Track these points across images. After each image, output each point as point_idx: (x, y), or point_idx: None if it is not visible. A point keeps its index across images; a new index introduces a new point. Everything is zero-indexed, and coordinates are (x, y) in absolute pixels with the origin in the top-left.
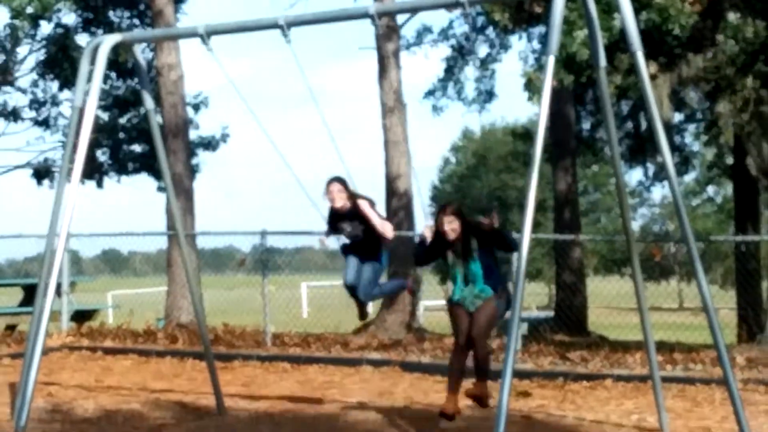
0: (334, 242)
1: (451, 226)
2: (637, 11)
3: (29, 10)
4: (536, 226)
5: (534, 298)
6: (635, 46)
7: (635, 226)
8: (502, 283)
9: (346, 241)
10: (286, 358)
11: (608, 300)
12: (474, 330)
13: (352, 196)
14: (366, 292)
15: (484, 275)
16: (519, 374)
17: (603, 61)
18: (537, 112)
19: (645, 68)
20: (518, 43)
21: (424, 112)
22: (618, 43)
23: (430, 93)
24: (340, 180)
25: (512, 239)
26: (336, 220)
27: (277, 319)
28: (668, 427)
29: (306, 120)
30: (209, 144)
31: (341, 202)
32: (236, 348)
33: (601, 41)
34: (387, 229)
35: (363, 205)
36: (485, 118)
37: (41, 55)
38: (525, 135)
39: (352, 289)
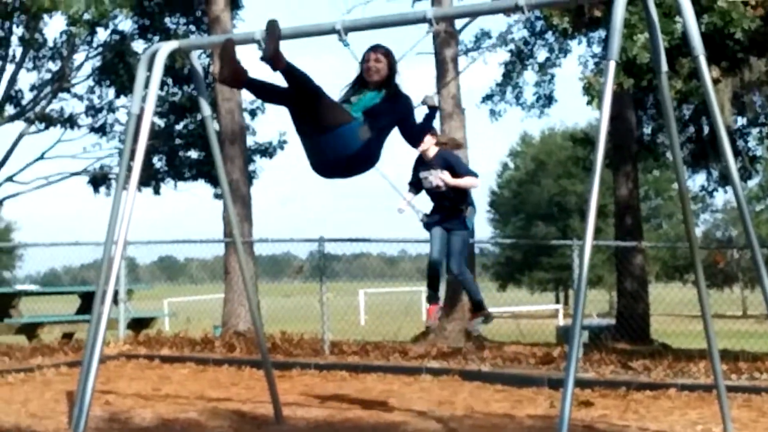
0: (415, 212)
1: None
2: (698, 15)
3: (86, 16)
4: (597, 232)
5: (595, 305)
6: (697, 50)
7: (698, 232)
8: None
9: (427, 216)
10: (344, 366)
11: (671, 307)
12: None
13: (439, 144)
14: (458, 263)
15: None
16: (580, 383)
17: (664, 66)
18: (597, 117)
19: (707, 72)
20: (578, 47)
21: (482, 116)
22: (679, 47)
23: (488, 97)
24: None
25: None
26: (418, 168)
27: (334, 326)
28: None
29: None
30: (266, 150)
31: (424, 146)
32: (294, 356)
33: (662, 45)
34: (470, 183)
35: (445, 177)
36: (544, 123)
37: (98, 62)
38: (585, 140)
39: (435, 270)
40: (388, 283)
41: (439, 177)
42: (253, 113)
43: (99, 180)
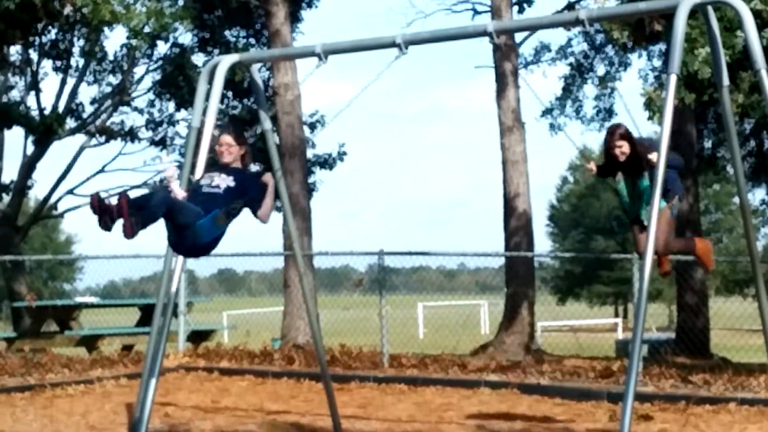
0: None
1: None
2: (760, 28)
3: (146, 29)
4: None
5: (655, 319)
6: (759, 64)
7: (759, 246)
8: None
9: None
10: (402, 379)
11: (731, 321)
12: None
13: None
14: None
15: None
16: (640, 397)
17: (726, 80)
18: (657, 130)
19: None
20: (638, 60)
21: (542, 130)
22: (740, 61)
23: (548, 111)
24: (231, 131)
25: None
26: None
27: (393, 339)
28: None
29: (424, 137)
30: (325, 163)
31: (230, 157)
32: (353, 369)
33: (723, 59)
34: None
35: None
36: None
37: (158, 75)
38: None
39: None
40: (446, 296)
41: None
42: (312, 126)
43: None
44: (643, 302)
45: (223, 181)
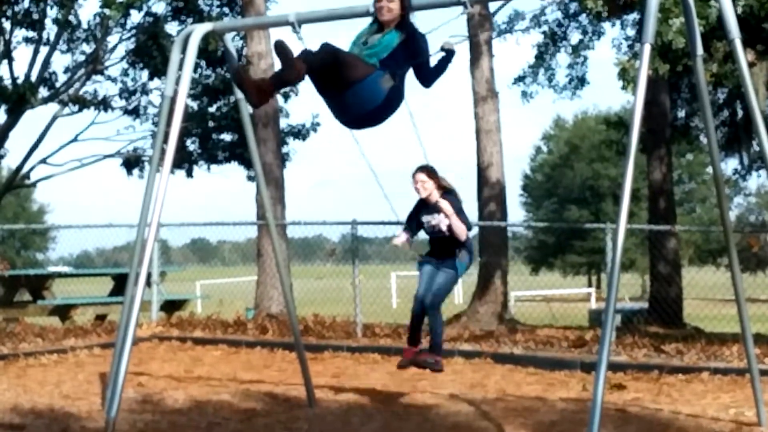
0: (412, 248)
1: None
2: None
3: None
4: (630, 216)
5: (628, 289)
6: (733, 34)
7: (731, 216)
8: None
9: (422, 256)
10: (376, 349)
11: (704, 291)
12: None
13: (441, 187)
14: (433, 298)
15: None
16: (613, 366)
17: (700, 49)
18: (630, 100)
19: (743, 56)
20: (611, 29)
21: (514, 99)
22: (714, 31)
23: (520, 79)
24: (426, 169)
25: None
26: (420, 211)
27: (366, 309)
28: (767, 422)
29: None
30: (299, 133)
31: (426, 192)
32: (326, 339)
33: (697, 29)
34: (460, 231)
35: (443, 203)
36: (577, 106)
37: (131, 44)
38: (618, 123)
39: (421, 309)
40: None
41: (442, 217)
42: (286, 96)
43: (132, 162)
44: (616, 272)
45: (442, 223)
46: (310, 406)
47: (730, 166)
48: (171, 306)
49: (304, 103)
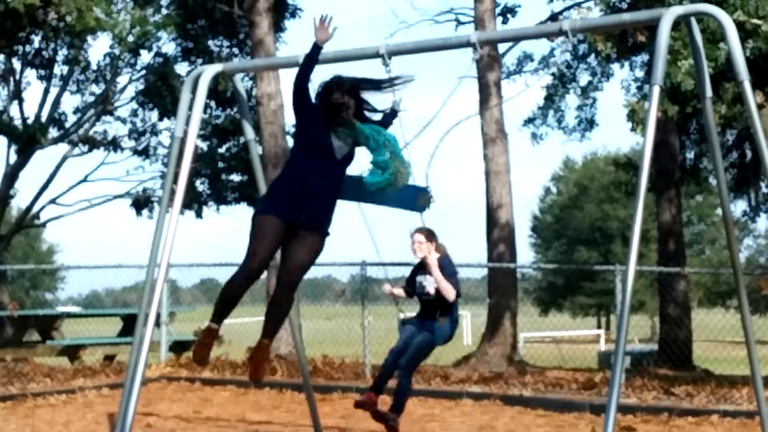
0: (397, 304)
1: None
2: (743, 40)
3: (130, 38)
4: (640, 257)
5: (637, 330)
6: (742, 75)
7: (741, 257)
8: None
9: (408, 318)
10: (385, 390)
11: (714, 333)
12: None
13: (438, 251)
14: (408, 359)
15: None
16: (622, 409)
17: (709, 91)
18: (640, 141)
19: (752, 97)
20: (620, 71)
21: (524, 140)
22: (723, 73)
23: (530, 121)
24: (425, 230)
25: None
26: (417, 273)
27: (375, 350)
28: None
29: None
30: None
31: (421, 254)
32: (335, 380)
33: (707, 71)
34: (448, 290)
35: (431, 260)
36: (586, 148)
37: (141, 85)
38: (627, 164)
39: (392, 362)
40: None
41: (432, 280)
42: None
43: (142, 203)
44: (625, 314)
45: (430, 285)
46: None
47: (739, 207)
48: (180, 346)
49: None
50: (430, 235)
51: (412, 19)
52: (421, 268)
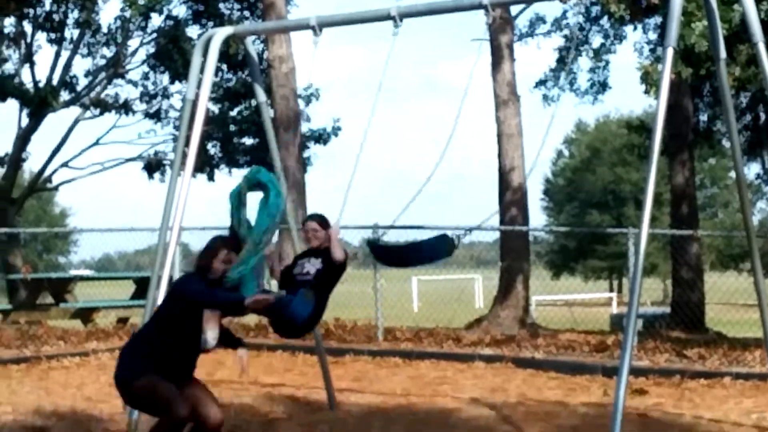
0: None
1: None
2: (757, 1)
3: (141, 1)
4: (652, 220)
5: (650, 294)
6: (756, 37)
7: (754, 220)
8: None
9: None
10: (397, 353)
11: (726, 296)
12: None
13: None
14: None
15: None
16: (635, 371)
17: (723, 53)
18: (653, 104)
19: (766, 59)
20: (633, 33)
21: (536, 103)
22: (737, 34)
23: (542, 83)
24: (317, 218)
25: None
26: (294, 266)
27: (387, 313)
28: None
29: (419, 111)
30: (321, 137)
31: (317, 242)
32: (347, 342)
33: (720, 33)
34: (338, 252)
35: (332, 232)
36: (599, 110)
37: (152, 48)
38: (640, 127)
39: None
40: (441, 271)
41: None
42: (308, 99)
43: (154, 166)
44: (638, 276)
45: (312, 266)
46: (331, 409)
47: (752, 170)
48: None
49: (326, 107)
50: (323, 222)
51: None
52: (307, 255)
